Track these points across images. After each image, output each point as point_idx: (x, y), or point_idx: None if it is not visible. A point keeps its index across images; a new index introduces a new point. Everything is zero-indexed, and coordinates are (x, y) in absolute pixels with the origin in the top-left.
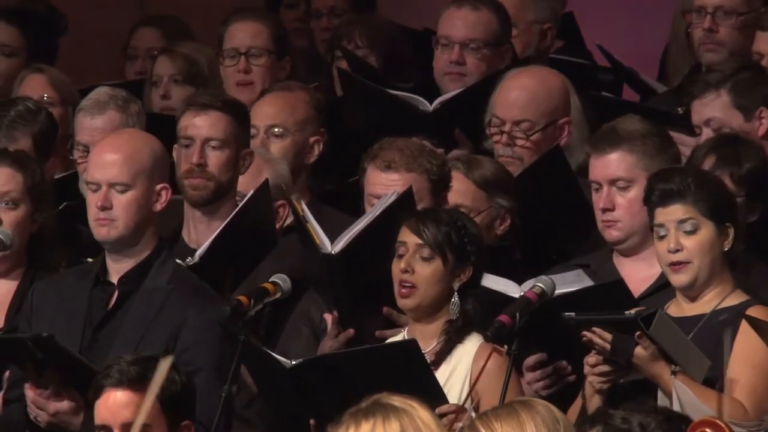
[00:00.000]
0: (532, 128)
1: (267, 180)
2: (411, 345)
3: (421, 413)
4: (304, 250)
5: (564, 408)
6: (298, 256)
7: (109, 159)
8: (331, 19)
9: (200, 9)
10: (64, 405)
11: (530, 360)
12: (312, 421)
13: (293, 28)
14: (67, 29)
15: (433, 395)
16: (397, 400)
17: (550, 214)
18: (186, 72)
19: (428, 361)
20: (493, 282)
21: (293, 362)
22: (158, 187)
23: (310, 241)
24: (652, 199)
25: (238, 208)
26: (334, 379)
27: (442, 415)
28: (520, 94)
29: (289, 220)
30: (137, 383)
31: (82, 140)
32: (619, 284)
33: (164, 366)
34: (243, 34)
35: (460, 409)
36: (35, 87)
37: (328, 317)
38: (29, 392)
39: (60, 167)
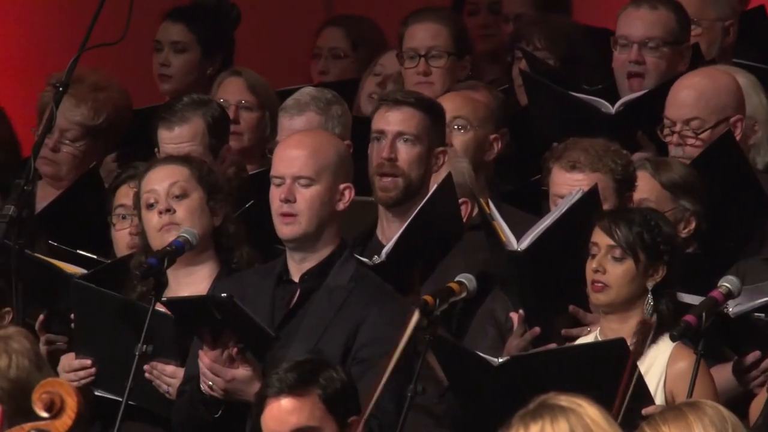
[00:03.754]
0: (701, 126)
1: (450, 174)
2: (620, 344)
3: (590, 411)
4: (489, 249)
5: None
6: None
7: (294, 154)
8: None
9: (391, 7)
10: (241, 372)
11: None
12: None
13: (478, 35)
14: (240, 19)
15: (641, 395)
16: (564, 400)
17: (725, 203)
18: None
19: None
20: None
21: (500, 360)
22: (342, 186)
23: (496, 239)
24: None
25: (421, 205)
26: (539, 377)
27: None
28: (689, 93)
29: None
30: (298, 388)
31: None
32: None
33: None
34: (423, 34)
35: None
36: (233, 91)
37: (514, 316)
38: (204, 359)
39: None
